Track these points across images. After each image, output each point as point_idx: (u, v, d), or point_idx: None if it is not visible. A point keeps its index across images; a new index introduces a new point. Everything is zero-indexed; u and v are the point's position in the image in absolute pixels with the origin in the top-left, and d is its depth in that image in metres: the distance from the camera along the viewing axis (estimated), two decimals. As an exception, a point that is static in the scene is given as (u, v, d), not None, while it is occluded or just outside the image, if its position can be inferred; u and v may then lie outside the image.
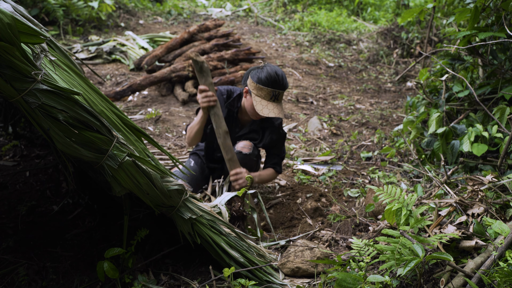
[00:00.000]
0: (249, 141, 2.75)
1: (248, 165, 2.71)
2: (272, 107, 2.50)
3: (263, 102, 2.50)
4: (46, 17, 7.06)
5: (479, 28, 3.02)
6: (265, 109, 2.49)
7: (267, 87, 2.48)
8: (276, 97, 2.51)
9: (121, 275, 2.01)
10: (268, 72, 2.49)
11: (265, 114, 2.48)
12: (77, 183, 2.50)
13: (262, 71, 2.51)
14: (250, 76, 2.55)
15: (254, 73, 2.54)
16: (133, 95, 5.21)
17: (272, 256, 2.24)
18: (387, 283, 1.70)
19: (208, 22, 6.69)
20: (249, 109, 2.61)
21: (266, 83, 2.48)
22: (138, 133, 1.94)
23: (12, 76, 1.44)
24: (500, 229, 1.87)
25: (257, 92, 2.51)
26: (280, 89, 2.51)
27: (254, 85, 2.52)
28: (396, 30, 7.59)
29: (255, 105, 2.51)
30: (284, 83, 2.52)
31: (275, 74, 2.48)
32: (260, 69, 2.53)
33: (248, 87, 2.57)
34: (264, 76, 2.48)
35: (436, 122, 3.11)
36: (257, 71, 2.54)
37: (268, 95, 2.49)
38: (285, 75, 2.54)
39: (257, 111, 2.50)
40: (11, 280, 2.06)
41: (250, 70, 2.60)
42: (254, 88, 2.52)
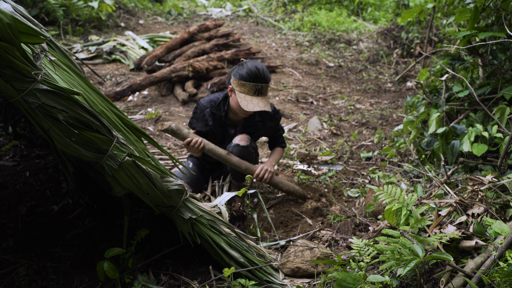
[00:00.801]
0: (246, 134, 2.78)
1: (246, 157, 2.74)
2: (257, 101, 2.53)
3: (247, 97, 2.53)
4: (46, 17, 7.06)
5: (479, 28, 3.02)
6: (250, 104, 2.52)
7: (249, 82, 2.52)
8: (259, 91, 2.54)
9: (121, 275, 2.01)
10: (248, 67, 2.53)
11: (250, 109, 2.51)
12: (77, 183, 2.50)
13: (243, 67, 2.55)
14: (232, 74, 2.60)
15: (236, 70, 2.58)
16: (133, 95, 5.21)
17: (272, 256, 2.24)
18: (387, 283, 1.70)
19: (208, 22, 6.70)
20: (236, 107, 2.64)
21: (247, 78, 2.52)
22: (138, 133, 1.95)
23: (12, 76, 1.44)
24: (500, 229, 1.87)
25: (240, 88, 2.55)
26: (262, 83, 2.54)
27: (236, 82, 2.56)
28: (396, 30, 7.59)
29: (240, 102, 2.53)
30: (265, 76, 2.55)
31: (255, 69, 2.52)
32: (241, 66, 2.58)
33: (232, 85, 2.61)
34: (245, 72, 2.52)
35: (436, 122, 3.11)
36: (238, 68, 2.58)
37: (251, 90, 2.53)
38: (266, 69, 2.58)
39: (242, 107, 2.53)
40: (11, 280, 2.06)
41: (232, 69, 2.64)
42: (237, 85, 2.56)
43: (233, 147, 2.70)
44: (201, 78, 5.47)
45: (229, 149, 2.72)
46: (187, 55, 5.83)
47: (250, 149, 2.73)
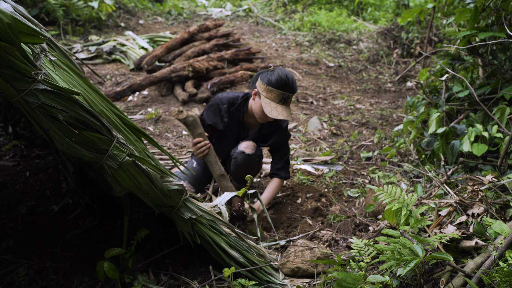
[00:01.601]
0: (252, 142, 2.74)
1: (250, 166, 2.72)
2: (281, 110, 2.50)
3: (272, 104, 2.50)
4: (46, 17, 7.06)
5: (479, 28, 3.02)
6: (274, 111, 2.49)
7: (277, 89, 2.48)
8: (285, 100, 2.51)
9: (121, 275, 2.01)
10: (279, 74, 2.50)
11: (273, 116, 2.48)
12: (77, 183, 2.50)
13: (273, 73, 2.51)
14: (260, 78, 2.55)
15: (265, 75, 2.54)
16: (133, 95, 5.21)
17: (272, 256, 2.24)
18: (387, 283, 1.70)
19: (208, 22, 6.70)
20: (257, 111, 2.59)
21: (276, 85, 2.48)
22: (138, 133, 1.95)
23: (12, 76, 1.44)
24: (500, 229, 1.88)
25: (266, 94, 2.51)
26: (289, 92, 2.51)
27: (264, 87, 2.51)
28: (396, 30, 7.59)
29: (264, 107, 2.50)
30: (294, 86, 2.52)
31: (286, 77, 2.49)
32: (271, 71, 2.54)
33: (258, 89, 2.56)
34: (274, 79, 2.48)
35: (436, 122, 3.11)
36: (267, 73, 2.54)
37: (277, 97, 2.49)
38: (294, 79, 2.55)
39: (266, 113, 2.49)
40: (11, 280, 2.06)
41: (260, 73, 2.60)
42: (264, 90, 2.51)
43: (238, 153, 2.69)
44: (201, 78, 5.47)
45: (234, 155, 2.71)
46: (187, 55, 5.83)
47: (255, 157, 2.71)
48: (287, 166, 2.85)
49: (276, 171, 2.82)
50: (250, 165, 2.71)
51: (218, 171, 2.60)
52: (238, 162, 2.69)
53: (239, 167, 2.71)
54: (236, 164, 2.71)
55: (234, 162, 2.73)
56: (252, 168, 2.75)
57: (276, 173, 2.81)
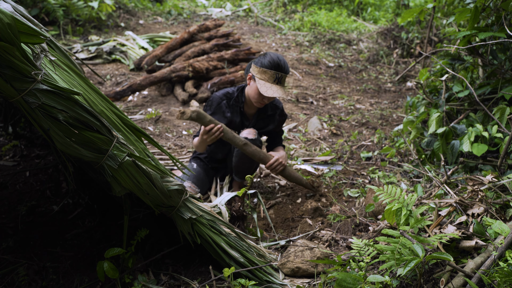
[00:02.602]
0: (253, 129, 2.85)
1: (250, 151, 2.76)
2: (276, 89, 2.63)
3: (267, 84, 2.63)
4: (46, 17, 7.06)
5: (479, 28, 3.02)
6: (269, 91, 2.61)
7: (270, 70, 2.62)
8: (279, 79, 2.65)
9: (121, 275, 2.01)
10: (271, 56, 2.65)
11: (269, 95, 2.60)
12: (77, 183, 2.50)
13: (265, 56, 2.66)
14: (253, 63, 2.70)
15: (257, 60, 2.69)
16: (133, 95, 5.21)
17: (272, 256, 2.24)
18: (387, 283, 1.70)
19: (208, 22, 6.69)
20: (253, 95, 2.71)
21: (269, 66, 2.62)
22: (138, 133, 1.95)
23: (12, 76, 1.44)
24: (500, 229, 1.88)
25: (260, 75, 2.64)
26: (282, 72, 2.65)
27: (257, 69, 2.65)
28: (396, 30, 7.59)
29: (260, 87, 2.61)
30: (286, 67, 2.67)
31: (278, 59, 2.65)
32: (262, 55, 2.69)
33: (252, 72, 2.70)
34: (267, 61, 2.63)
35: (436, 122, 3.11)
36: (260, 57, 2.69)
37: (271, 77, 2.63)
38: (287, 62, 2.70)
39: (262, 92, 2.61)
40: (11, 280, 2.06)
41: (252, 61, 2.75)
42: (258, 72, 2.65)
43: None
44: (201, 78, 5.47)
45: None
46: (187, 55, 5.83)
47: (257, 142, 2.81)
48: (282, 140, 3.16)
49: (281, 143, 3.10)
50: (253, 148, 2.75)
51: (240, 142, 2.67)
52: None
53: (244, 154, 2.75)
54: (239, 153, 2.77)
55: (236, 152, 2.79)
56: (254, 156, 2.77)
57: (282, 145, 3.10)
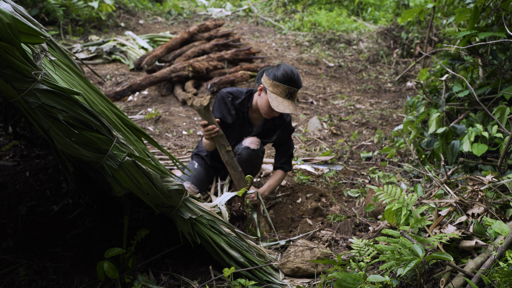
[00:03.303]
0: (256, 138, 2.78)
1: (254, 161, 2.74)
2: (287, 104, 2.54)
3: (278, 98, 2.54)
4: (46, 17, 7.06)
5: (479, 28, 3.02)
6: (281, 106, 2.53)
7: (283, 84, 2.53)
8: (291, 94, 2.56)
9: (121, 275, 2.01)
10: (285, 70, 2.55)
11: (280, 110, 2.52)
12: (77, 183, 2.50)
13: (279, 69, 2.57)
14: (266, 74, 2.60)
15: (270, 71, 2.59)
16: (133, 95, 5.21)
17: (272, 256, 2.24)
18: (387, 283, 1.70)
19: (208, 22, 6.69)
20: (263, 107, 2.63)
21: (282, 80, 2.53)
22: (138, 133, 1.95)
23: (12, 76, 1.44)
24: (500, 229, 1.88)
25: (272, 89, 2.55)
26: (295, 87, 2.56)
27: (270, 82, 2.56)
28: (396, 30, 7.59)
29: (271, 101, 2.54)
30: (299, 82, 2.58)
31: (291, 73, 2.55)
32: (276, 67, 2.59)
33: (263, 84, 2.60)
34: (280, 74, 2.54)
35: (436, 122, 3.11)
36: (273, 69, 2.59)
37: (284, 92, 2.54)
38: (300, 75, 2.60)
39: (273, 107, 2.53)
40: (11, 280, 2.06)
41: (265, 69, 2.65)
42: (270, 85, 2.56)
43: (242, 149, 2.70)
44: (201, 78, 5.47)
45: (238, 151, 2.71)
46: (187, 55, 5.83)
47: (259, 153, 2.74)
48: (291, 160, 2.94)
49: (281, 165, 2.90)
50: (254, 160, 2.74)
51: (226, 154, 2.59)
52: (242, 157, 2.70)
53: (244, 163, 2.71)
54: (241, 160, 2.71)
55: (238, 158, 2.73)
56: (256, 165, 2.76)
57: (281, 166, 2.90)
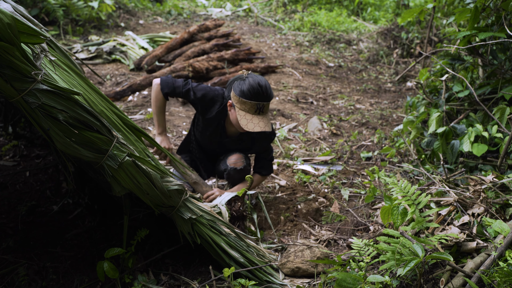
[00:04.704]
0: (239, 153, 2.68)
1: (243, 176, 2.70)
2: (258, 121, 2.36)
3: (247, 116, 2.35)
4: (46, 17, 7.06)
5: (479, 28, 3.02)
6: (250, 124, 2.35)
7: (250, 101, 2.33)
8: (260, 109, 2.36)
9: (121, 275, 2.01)
10: (250, 84, 2.33)
11: (250, 129, 2.34)
12: (77, 183, 2.50)
13: (244, 83, 2.35)
14: (233, 89, 2.40)
15: (237, 85, 2.39)
16: (133, 95, 5.21)
17: (272, 256, 2.24)
18: (387, 283, 1.70)
19: (208, 22, 6.70)
20: (235, 123, 2.46)
21: (249, 96, 2.32)
22: (138, 133, 1.95)
23: (12, 76, 1.44)
24: (500, 228, 1.88)
25: (240, 106, 2.36)
26: (264, 101, 2.36)
27: (237, 98, 2.36)
28: (396, 30, 7.59)
29: (240, 120, 2.36)
30: (268, 94, 2.36)
31: (258, 86, 2.32)
32: (242, 80, 2.38)
33: (231, 100, 2.42)
34: (246, 89, 2.33)
35: (436, 122, 3.11)
36: (239, 83, 2.38)
37: (252, 108, 2.34)
38: (268, 85, 2.38)
39: (241, 125, 2.36)
40: (11, 280, 2.06)
41: (233, 80, 2.46)
42: (237, 102, 2.36)
43: (230, 170, 2.65)
44: (201, 78, 5.47)
45: (226, 170, 2.67)
46: (187, 55, 5.83)
47: (247, 167, 2.68)
48: (270, 164, 2.80)
49: (259, 169, 2.77)
50: (243, 175, 2.70)
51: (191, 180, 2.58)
52: (231, 175, 2.69)
53: (233, 178, 2.71)
54: (230, 177, 2.71)
55: (227, 176, 2.71)
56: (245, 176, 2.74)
57: (258, 171, 2.77)
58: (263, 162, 2.77)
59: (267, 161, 2.77)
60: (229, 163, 2.65)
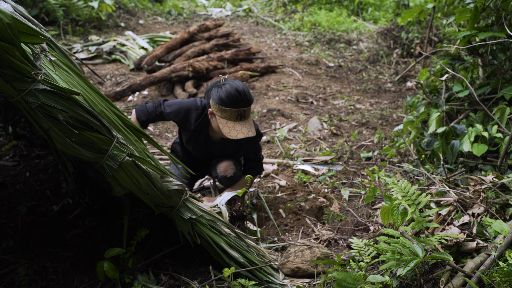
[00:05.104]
0: (228, 160, 2.65)
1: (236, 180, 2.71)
2: (240, 127, 2.32)
3: (229, 123, 2.32)
4: (46, 17, 7.06)
5: (479, 28, 3.02)
6: (233, 131, 2.32)
7: (230, 108, 2.28)
8: (241, 115, 2.32)
9: (121, 275, 2.01)
10: (227, 90, 2.28)
11: (233, 136, 2.31)
12: (77, 183, 2.50)
13: (221, 90, 2.30)
14: (211, 97, 2.35)
15: (215, 92, 2.33)
16: (133, 95, 5.21)
17: (272, 256, 2.24)
18: (387, 283, 1.70)
19: (208, 22, 6.70)
20: (218, 131, 2.43)
21: (227, 103, 2.28)
22: (138, 133, 1.95)
23: (12, 76, 1.44)
24: (500, 228, 1.88)
25: (220, 114, 2.31)
26: (244, 107, 2.31)
27: (216, 107, 2.31)
28: (396, 30, 7.59)
29: (222, 128, 2.32)
30: (247, 99, 2.32)
31: (236, 92, 2.28)
32: (219, 88, 2.33)
33: (211, 108, 2.37)
34: (225, 96, 2.28)
35: (436, 122, 3.11)
36: (216, 90, 2.33)
37: (233, 115, 2.30)
38: (247, 89, 2.33)
39: (224, 134, 2.33)
40: (11, 280, 2.06)
41: (210, 88, 2.40)
42: (217, 110, 2.32)
43: (220, 178, 2.65)
44: (201, 78, 5.47)
45: (217, 178, 2.67)
46: (187, 55, 5.83)
47: (237, 173, 2.66)
48: (260, 164, 2.79)
49: (248, 170, 2.77)
50: (235, 181, 2.71)
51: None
52: (223, 182, 2.71)
53: (225, 185, 2.74)
54: (222, 183, 2.74)
55: (220, 182, 2.73)
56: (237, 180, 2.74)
57: (247, 172, 2.77)
58: (251, 163, 2.77)
59: (256, 162, 2.76)
60: (219, 171, 2.65)
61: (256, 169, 2.79)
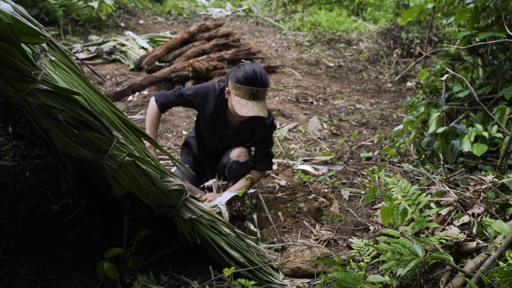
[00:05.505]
0: (242, 147, 2.70)
1: (244, 171, 2.72)
2: (252, 106, 2.40)
3: (242, 101, 2.41)
4: (46, 17, 7.06)
5: (479, 28, 3.02)
6: (244, 108, 2.40)
7: (244, 86, 2.39)
8: (255, 95, 2.41)
9: (121, 275, 2.01)
10: (245, 70, 2.40)
11: (244, 113, 2.39)
12: (77, 183, 2.50)
13: (240, 70, 2.43)
14: (229, 77, 2.48)
15: (233, 73, 2.46)
16: (133, 95, 5.21)
17: (272, 256, 2.24)
18: (387, 283, 1.70)
19: (208, 22, 6.70)
20: (232, 110, 2.52)
21: (243, 81, 2.39)
22: (138, 133, 1.95)
23: (12, 76, 1.44)
24: (500, 228, 1.88)
25: (235, 91, 2.42)
26: (259, 87, 2.41)
27: (232, 84, 2.43)
28: (396, 30, 7.59)
29: (234, 105, 2.42)
30: (263, 80, 2.42)
31: (252, 72, 2.39)
32: (238, 68, 2.46)
33: (228, 87, 2.49)
34: (241, 75, 2.40)
35: (436, 122, 3.11)
36: (235, 70, 2.46)
37: (246, 93, 2.40)
38: (264, 72, 2.44)
39: (236, 110, 2.42)
40: (11, 280, 2.06)
41: (231, 71, 2.52)
42: (233, 88, 2.43)
43: (232, 163, 2.66)
44: (201, 78, 5.47)
45: (228, 164, 2.68)
46: (187, 55, 5.83)
47: (249, 162, 2.69)
48: (268, 159, 2.78)
49: (257, 164, 2.76)
50: (245, 170, 2.72)
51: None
52: (233, 169, 2.70)
53: (234, 173, 2.72)
54: (231, 171, 2.71)
55: (228, 170, 2.71)
56: (246, 172, 2.74)
57: (254, 166, 2.77)
58: (260, 156, 2.76)
59: (265, 155, 2.77)
60: (232, 156, 2.67)
61: (265, 164, 2.78)
